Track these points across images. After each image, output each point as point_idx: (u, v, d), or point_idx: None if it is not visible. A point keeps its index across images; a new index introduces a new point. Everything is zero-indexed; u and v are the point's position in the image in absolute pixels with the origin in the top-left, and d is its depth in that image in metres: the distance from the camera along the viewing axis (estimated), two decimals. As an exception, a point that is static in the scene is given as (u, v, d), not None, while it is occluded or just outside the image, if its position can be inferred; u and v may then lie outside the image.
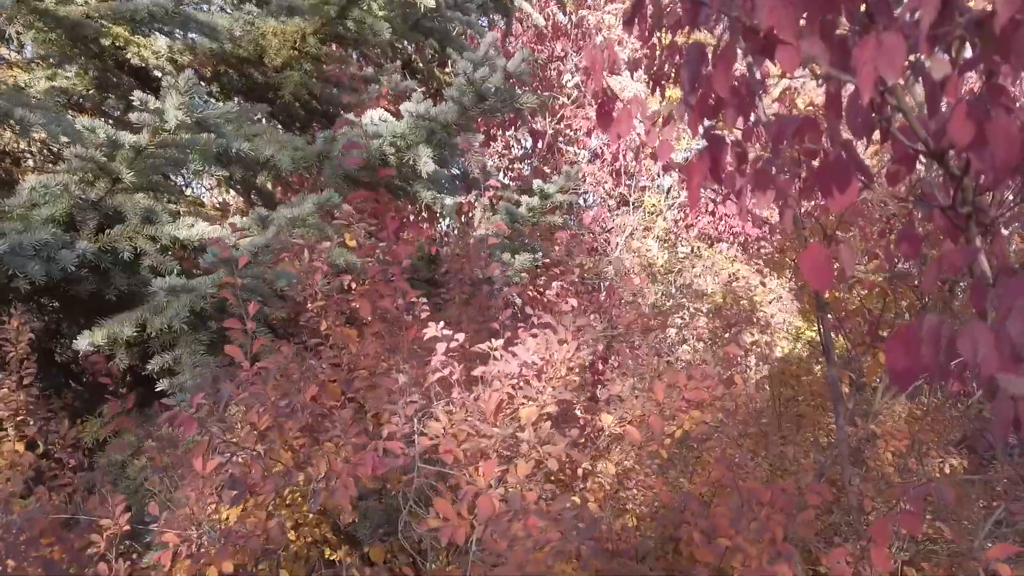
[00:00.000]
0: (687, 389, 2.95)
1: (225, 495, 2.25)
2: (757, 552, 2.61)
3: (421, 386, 2.31)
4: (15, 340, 3.06)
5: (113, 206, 3.73)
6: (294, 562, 3.18)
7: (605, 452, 3.15)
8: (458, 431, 2.19)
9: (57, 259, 3.46)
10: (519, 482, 2.14)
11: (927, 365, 1.53)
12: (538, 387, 2.32)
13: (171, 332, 3.75)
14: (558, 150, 9.82)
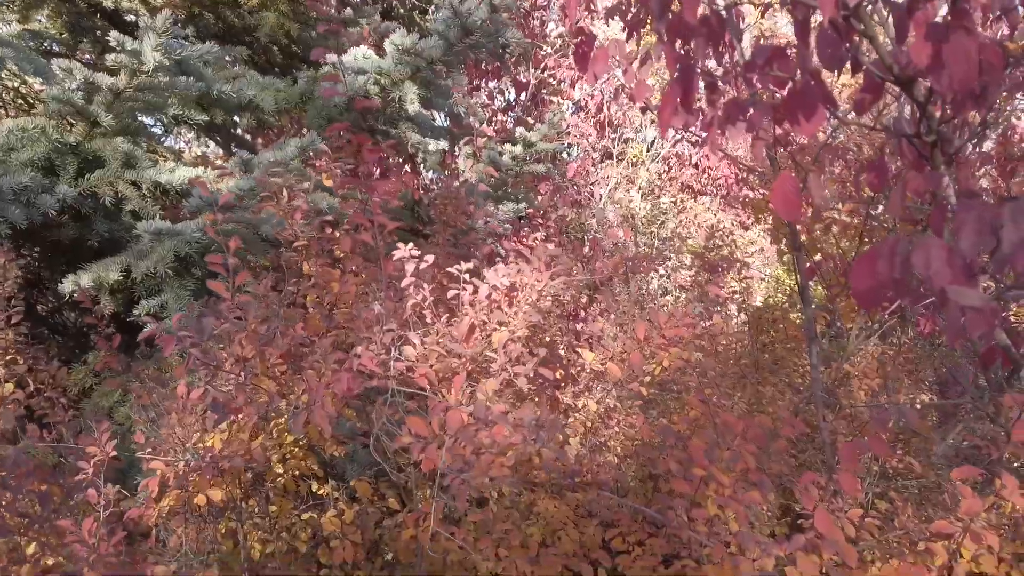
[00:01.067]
0: (667, 328, 3.02)
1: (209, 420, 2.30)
2: (730, 481, 2.71)
3: (398, 316, 2.36)
4: (1, 278, 3.06)
5: (93, 150, 3.71)
6: (283, 496, 3.27)
7: (586, 390, 3.23)
8: (430, 352, 2.25)
9: (37, 203, 3.46)
10: (488, 399, 2.21)
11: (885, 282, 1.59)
12: (509, 312, 2.37)
13: (156, 278, 3.77)
14: (542, 101, 9.76)
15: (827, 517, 2.41)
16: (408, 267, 2.35)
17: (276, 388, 2.32)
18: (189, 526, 2.74)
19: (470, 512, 3.36)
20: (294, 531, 3.24)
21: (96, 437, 2.25)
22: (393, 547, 3.83)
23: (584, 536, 3.57)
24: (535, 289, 2.43)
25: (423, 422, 2.10)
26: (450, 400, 2.15)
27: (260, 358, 2.25)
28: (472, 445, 1.99)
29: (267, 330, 2.30)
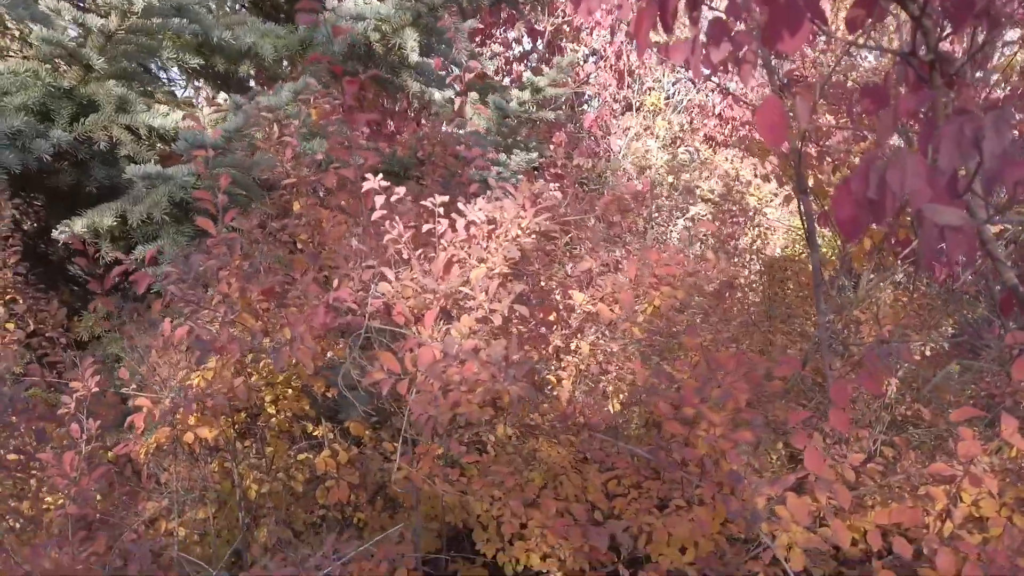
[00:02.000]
0: (658, 265, 2.94)
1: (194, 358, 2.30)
2: (721, 420, 2.65)
3: (378, 253, 2.32)
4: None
5: (87, 95, 3.68)
6: (278, 437, 3.29)
7: (578, 332, 3.17)
8: (405, 288, 2.21)
9: (32, 148, 3.45)
10: (463, 336, 2.17)
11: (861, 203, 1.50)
12: (488, 248, 2.31)
13: (152, 223, 3.76)
14: (558, 49, 9.54)
15: (818, 456, 2.35)
16: (378, 200, 2.29)
17: (260, 325, 2.31)
18: (181, 464, 2.77)
19: (465, 455, 3.36)
20: (291, 472, 3.27)
21: (80, 372, 2.26)
22: (392, 490, 3.87)
23: (585, 481, 3.56)
24: (517, 224, 2.36)
25: (394, 358, 2.07)
26: (423, 337, 2.11)
27: (242, 295, 2.23)
28: (440, 381, 1.96)
29: (250, 266, 2.27)
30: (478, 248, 2.29)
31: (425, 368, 1.96)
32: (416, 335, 2.14)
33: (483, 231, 2.30)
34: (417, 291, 2.20)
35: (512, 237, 2.32)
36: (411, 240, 2.30)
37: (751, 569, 3.21)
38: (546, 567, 3.35)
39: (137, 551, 2.12)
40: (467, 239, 2.30)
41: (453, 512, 3.76)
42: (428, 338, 2.11)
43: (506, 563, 3.45)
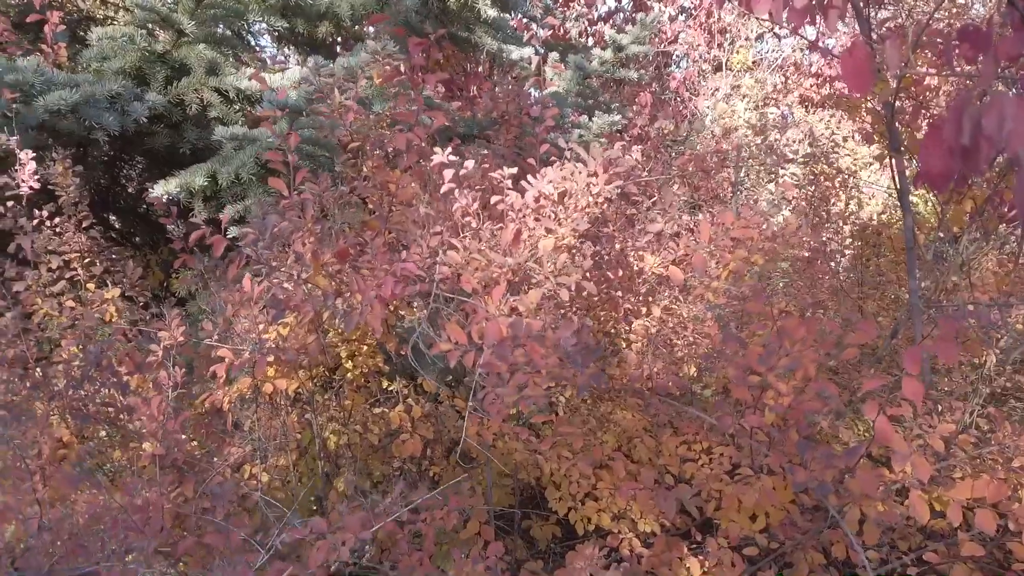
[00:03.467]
0: (735, 228, 2.85)
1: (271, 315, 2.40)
2: (788, 388, 2.57)
3: (445, 220, 2.33)
4: (63, 184, 3.24)
5: (179, 58, 3.84)
6: (355, 392, 3.40)
7: (649, 296, 3.12)
8: (471, 260, 2.22)
9: (129, 111, 3.63)
10: (529, 311, 2.17)
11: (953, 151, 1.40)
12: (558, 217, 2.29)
13: (240, 183, 3.91)
14: (644, 7, 9.26)
15: (889, 428, 2.24)
16: (446, 174, 2.30)
17: (332, 287, 2.37)
18: (262, 412, 2.91)
19: (536, 414, 3.39)
20: (367, 425, 3.38)
21: (167, 322, 2.40)
22: (467, 446, 3.95)
23: (659, 445, 3.53)
24: (588, 192, 2.32)
25: (460, 329, 2.10)
26: (490, 309, 2.12)
27: (315, 257, 2.29)
28: (506, 363, 1.97)
29: (321, 229, 2.34)
30: (546, 219, 2.27)
31: (492, 345, 1.97)
32: (483, 306, 2.16)
33: (552, 200, 2.27)
34: (484, 264, 2.21)
35: (582, 207, 2.29)
36: (479, 209, 2.31)
37: (829, 539, 3.13)
38: (617, 528, 3.37)
39: (223, 492, 2.25)
40: (535, 210, 2.28)
41: (526, 470, 3.81)
42: (495, 311, 2.13)
43: (577, 522, 3.49)
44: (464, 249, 2.20)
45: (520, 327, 1.95)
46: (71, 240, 3.15)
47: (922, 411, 3.30)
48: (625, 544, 3.32)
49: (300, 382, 2.97)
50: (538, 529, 4.03)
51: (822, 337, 2.55)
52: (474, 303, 2.17)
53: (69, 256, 3.19)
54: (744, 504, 2.87)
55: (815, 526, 3.19)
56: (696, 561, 3.14)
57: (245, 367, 2.42)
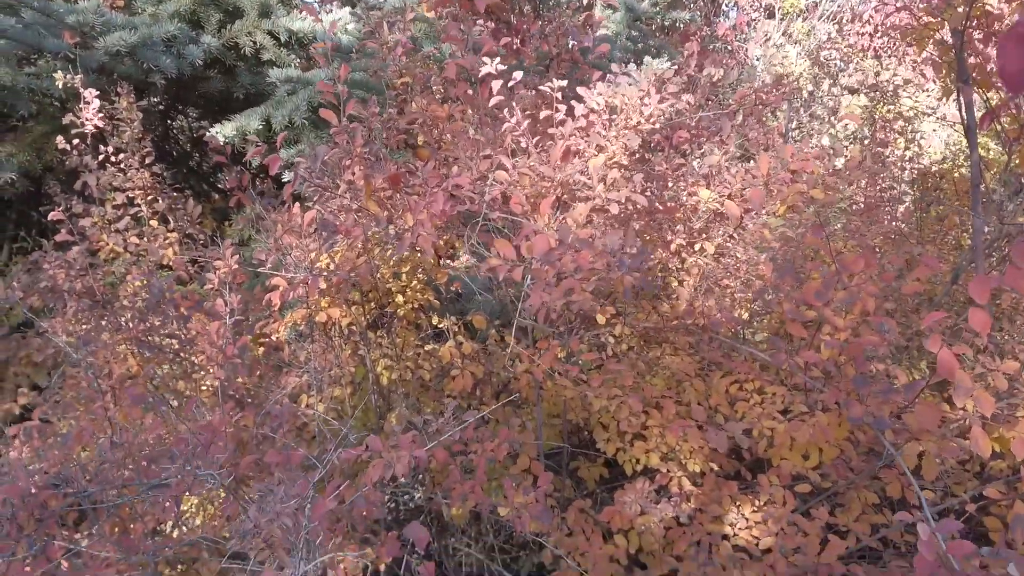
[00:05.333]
0: (794, 161, 2.78)
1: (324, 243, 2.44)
2: (845, 323, 2.52)
3: (495, 143, 2.32)
4: (127, 118, 3.31)
5: (232, 1, 3.87)
6: (406, 329, 3.45)
7: (703, 232, 3.08)
8: (522, 176, 2.21)
9: (185, 54, 3.69)
10: (578, 224, 2.16)
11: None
12: (607, 136, 2.25)
13: (294, 128, 3.96)
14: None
15: (952, 360, 2.18)
16: (495, 85, 2.27)
17: (383, 213, 2.40)
18: (317, 346, 2.97)
19: (585, 353, 3.39)
20: (418, 361, 3.43)
21: (222, 252, 2.46)
22: (516, 386, 3.99)
23: (709, 388, 3.52)
24: (639, 111, 2.28)
25: (510, 245, 2.10)
26: (539, 224, 2.12)
27: (366, 182, 2.31)
28: (554, 268, 1.97)
29: (371, 153, 2.35)
30: (596, 136, 2.24)
31: (540, 256, 1.97)
32: (532, 223, 2.15)
33: (602, 119, 2.24)
34: (534, 179, 2.20)
35: (633, 125, 2.25)
36: (529, 129, 2.29)
37: (882, 478, 3.09)
38: (666, 468, 3.38)
39: (281, 414, 2.31)
40: (586, 127, 2.25)
41: (574, 411, 3.83)
42: (544, 227, 2.12)
43: (626, 462, 3.50)
44: (513, 168, 2.19)
45: (567, 233, 1.94)
46: (135, 177, 3.24)
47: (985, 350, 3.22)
48: (674, 483, 3.33)
49: (353, 316, 3.03)
50: (586, 470, 4.06)
51: (882, 271, 2.49)
52: (523, 222, 2.17)
53: (133, 192, 3.28)
54: (797, 441, 2.84)
55: (869, 465, 3.15)
56: (747, 499, 3.14)
57: (299, 297, 2.47)
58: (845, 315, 2.51)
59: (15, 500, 1.69)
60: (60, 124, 3.37)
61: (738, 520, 3.12)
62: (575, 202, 2.26)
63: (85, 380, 2.25)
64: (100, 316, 2.84)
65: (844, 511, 3.20)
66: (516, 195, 2.18)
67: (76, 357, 2.22)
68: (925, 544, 2.04)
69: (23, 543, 1.71)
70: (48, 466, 2.12)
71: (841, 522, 3.16)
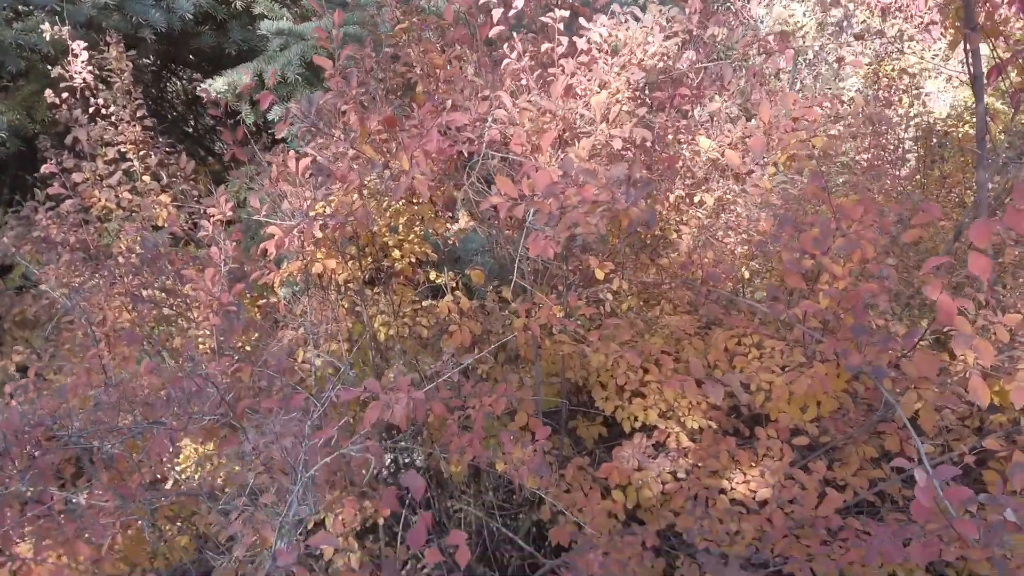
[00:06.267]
0: (796, 108, 2.73)
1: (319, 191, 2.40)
2: (844, 272, 2.49)
3: (495, 85, 2.27)
4: (117, 69, 3.25)
5: (222, -47, 3.79)
6: (404, 285, 3.43)
7: (703, 183, 3.04)
8: (522, 112, 2.16)
9: (174, 7, 3.62)
10: (580, 159, 2.11)
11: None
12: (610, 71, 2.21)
13: (287, 84, 3.90)
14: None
15: (952, 306, 2.14)
16: (494, 14, 2.22)
17: (379, 157, 2.35)
18: (314, 297, 2.95)
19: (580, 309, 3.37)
20: (416, 318, 3.41)
21: (215, 199, 2.43)
22: (514, 344, 3.97)
23: (708, 346, 3.50)
24: (643, 48, 2.23)
25: (511, 183, 2.06)
26: (540, 161, 2.08)
27: (361, 124, 2.27)
28: (557, 201, 1.93)
29: (366, 93, 2.30)
30: (599, 72, 2.19)
31: (543, 190, 1.93)
32: (534, 161, 2.11)
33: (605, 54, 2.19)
34: (535, 115, 2.15)
35: (636, 61, 2.20)
36: (529, 66, 2.24)
37: (880, 431, 3.09)
38: (664, 425, 3.37)
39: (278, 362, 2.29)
40: (588, 62, 2.20)
41: (573, 369, 3.82)
42: (545, 164, 2.08)
43: (624, 420, 3.50)
44: (513, 105, 2.14)
45: (570, 165, 1.90)
46: (126, 131, 3.19)
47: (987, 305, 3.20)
48: (672, 439, 3.32)
49: (350, 271, 3.00)
50: (585, 429, 4.06)
51: (882, 218, 2.46)
52: (524, 161, 2.13)
53: (124, 147, 3.23)
54: (795, 393, 2.83)
55: (867, 420, 3.15)
56: (744, 454, 3.14)
57: (294, 250, 2.43)
58: (844, 263, 2.48)
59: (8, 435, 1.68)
60: (50, 81, 3.32)
61: (735, 475, 3.12)
62: (577, 140, 2.22)
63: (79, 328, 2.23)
64: (94, 269, 2.81)
65: (842, 465, 3.20)
66: (516, 135, 2.14)
67: (68, 305, 2.19)
68: (922, 490, 2.02)
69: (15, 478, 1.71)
70: (43, 413, 2.11)
71: (839, 476, 3.16)
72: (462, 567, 2.45)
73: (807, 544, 2.88)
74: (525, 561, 4.00)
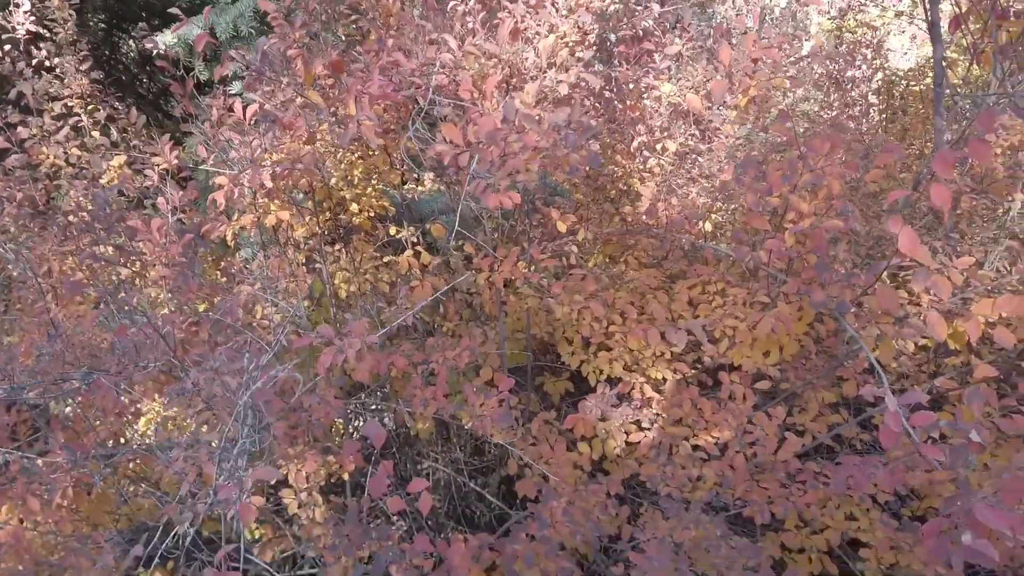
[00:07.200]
0: (754, 51, 2.70)
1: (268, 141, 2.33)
2: (809, 209, 2.50)
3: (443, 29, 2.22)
4: (61, 18, 3.13)
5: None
6: (364, 241, 3.38)
7: (664, 131, 3.01)
8: (468, 55, 2.11)
9: (121, -44, 3.48)
10: (526, 106, 2.08)
11: None
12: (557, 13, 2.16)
13: (240, 36, 3.79)
14: None
15: (913, 236, 2.15)
16: None
17: (325, 103, 2.29)
18: (271, 253, 2.89)
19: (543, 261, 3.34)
20: (377, 274, 3.37)
21: (160, 148, 2.35)
22: (480, 303, 3.95)
23: (672, 300, 3.50)
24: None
25: (456, 130, 2.01)
26: (486, 106, 2.04)
27: (306, 68, 2.20)
28: (498, 148, 1.89)
29: (310, 36, 2.24)
30: (547, 14, 2.15)
31: (485, 136, 1.89)
32: (480, 108, 2.07)
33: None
34: (481, 59, 2.10)
35: (584, 3, 2.15)
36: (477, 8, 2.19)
37: (840, 375, 3.13)
38: (628, 377, 3.38)
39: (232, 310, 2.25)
40: (536, 4, 2.15)
41: (538, 325, 3.81)
42: (491, 110, 2.04)
43: (590, 374, 3.50)
44: (459, 49, 2.09)
45: (512, 109, 1.87)
46: (72, 84, 3.08)
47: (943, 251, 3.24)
48: (637, 390, 3.34)
49: (307, 227, 2.94)
50: (551, 385, 4.07)
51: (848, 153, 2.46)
52: (471, 107, 2.09)
53: (71, 101, 3.12)
54: (758, 337, 2.84)
55: (828, 365, 3.19)
56: (708, 403, 3.16)
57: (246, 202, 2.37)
58: (810, 200, 2.48)
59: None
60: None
61: (698, 422, 3.14)
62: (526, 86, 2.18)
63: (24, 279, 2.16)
64: (42, 226, 2.73)
65: (802, 412, 3.24)
66: (464, 80, 2.09)
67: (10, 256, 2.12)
68: (891, 415, 2.05)
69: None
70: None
71: (799, 422, 3.21)
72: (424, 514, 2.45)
73: (766, 488, 2.92)
74: (495, 516, 4.03)
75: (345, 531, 2.39)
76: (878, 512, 2.97)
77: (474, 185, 1.95)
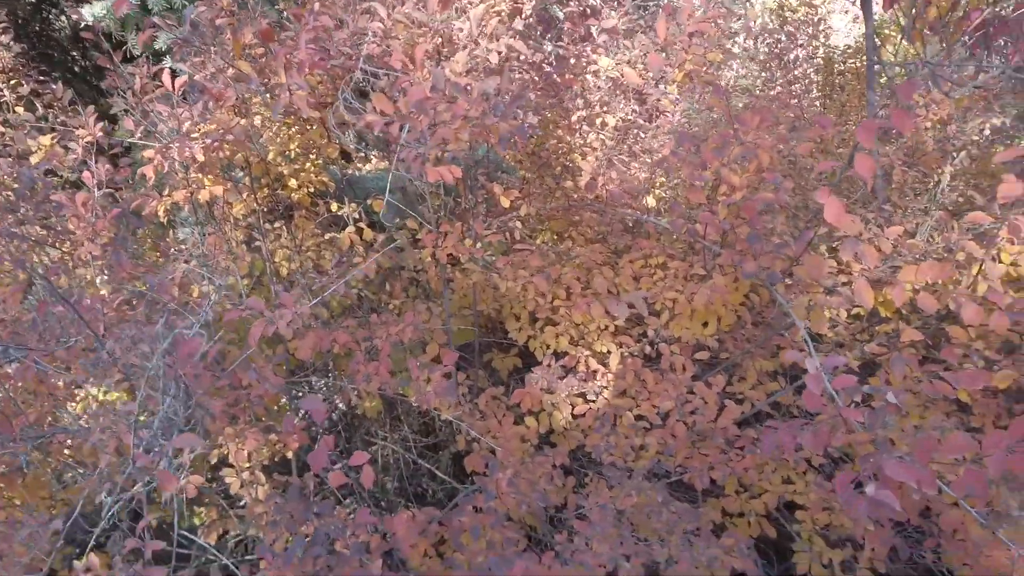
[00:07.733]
0: (691, 23, 2.73)
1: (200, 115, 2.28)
2: (741, 182, 2.54)
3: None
4: None
5: None
6: (305, 218, 3.33)
7: (603, 105, 3.03)
8: (396, 23, 2.09)
9: (43, -76, 3.35)
10: (456, 76, 2.07)
11: None
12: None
13: (173, 8, 3.69)
14: None
15: (839, 205, 2.21)
16: None
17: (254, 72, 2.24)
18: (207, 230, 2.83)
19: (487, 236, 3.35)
20: (320, 252, 3.33)
21: (84, 120, 2.27)
22: (425, 277, 3.94)
23: (617, 276, 3.54)
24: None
25: (387, 99, 1.99)
26: (416, 77, 2.02)
27: (234, 37, 2.15)
28: (428, 118, 1.88)
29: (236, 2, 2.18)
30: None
31: (415, 105, 1.87)
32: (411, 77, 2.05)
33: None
34: (411, 27, 2.08)
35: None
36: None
37: (778, 344, 3.21)
38: (574, 351, 3.42)
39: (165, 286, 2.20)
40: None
41: (485, 301, 3.82)
42: (421, 79, 2.02)
43: (537, 348, 3.53)
44: (388, 17, 2.07)
45: (441, 78, 1.86)
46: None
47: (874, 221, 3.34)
48: (582, 363, 3.38)
49: (245, 204, 2.89)
50: (500, 361, 4.09)
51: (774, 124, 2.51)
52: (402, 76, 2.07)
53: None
54: (696, 305, 2.90)
55: (765, 334, 3.26)
56: (651, 374, 3.21)
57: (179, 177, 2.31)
58: (741, 173, 2.52)
59: None
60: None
61: (641, 392, 3.19)
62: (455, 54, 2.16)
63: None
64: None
65: (740, 380, 3.32)
66: (395, 49, 2.07)
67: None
68: (812, 378, 2.10)
69: None
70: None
71: (739, 390, 3.29)
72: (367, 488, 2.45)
73: (706, 455, 2.99)
74: (446, 493, 4.05)
75: (287, 508, 2.38)
76: (813, 475, 3.07)
77: (406, 153, 1.93)
